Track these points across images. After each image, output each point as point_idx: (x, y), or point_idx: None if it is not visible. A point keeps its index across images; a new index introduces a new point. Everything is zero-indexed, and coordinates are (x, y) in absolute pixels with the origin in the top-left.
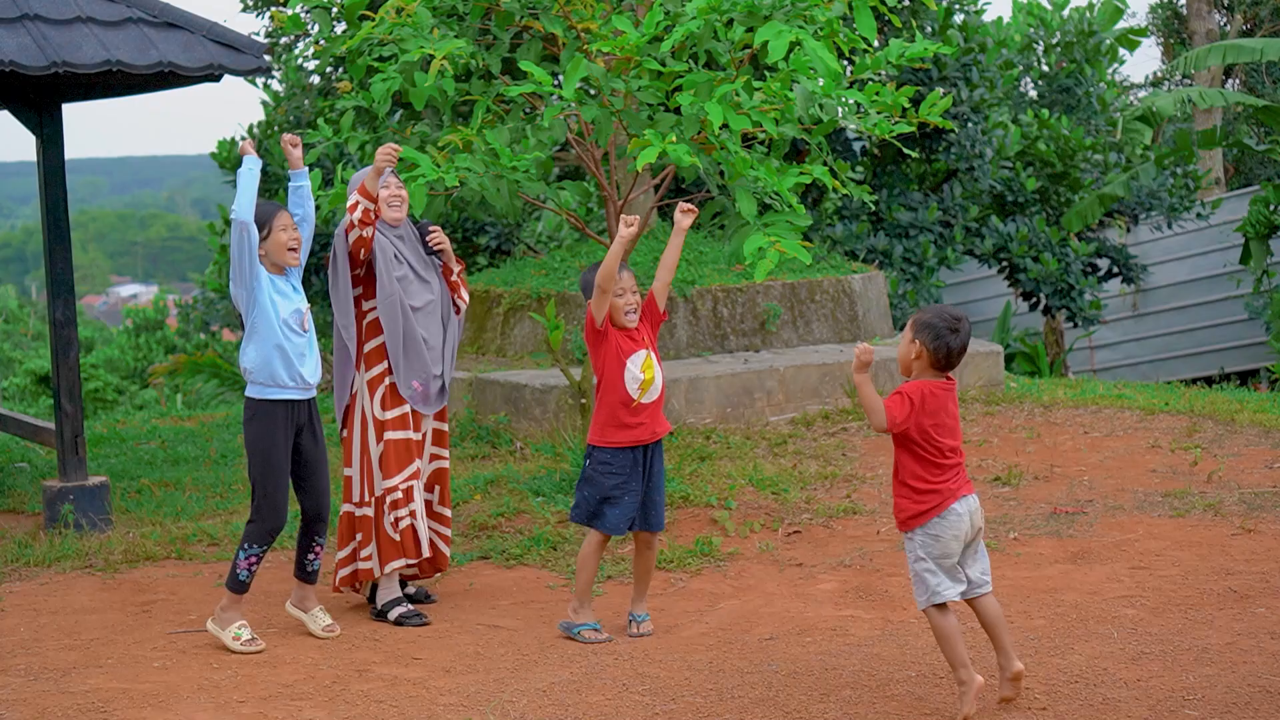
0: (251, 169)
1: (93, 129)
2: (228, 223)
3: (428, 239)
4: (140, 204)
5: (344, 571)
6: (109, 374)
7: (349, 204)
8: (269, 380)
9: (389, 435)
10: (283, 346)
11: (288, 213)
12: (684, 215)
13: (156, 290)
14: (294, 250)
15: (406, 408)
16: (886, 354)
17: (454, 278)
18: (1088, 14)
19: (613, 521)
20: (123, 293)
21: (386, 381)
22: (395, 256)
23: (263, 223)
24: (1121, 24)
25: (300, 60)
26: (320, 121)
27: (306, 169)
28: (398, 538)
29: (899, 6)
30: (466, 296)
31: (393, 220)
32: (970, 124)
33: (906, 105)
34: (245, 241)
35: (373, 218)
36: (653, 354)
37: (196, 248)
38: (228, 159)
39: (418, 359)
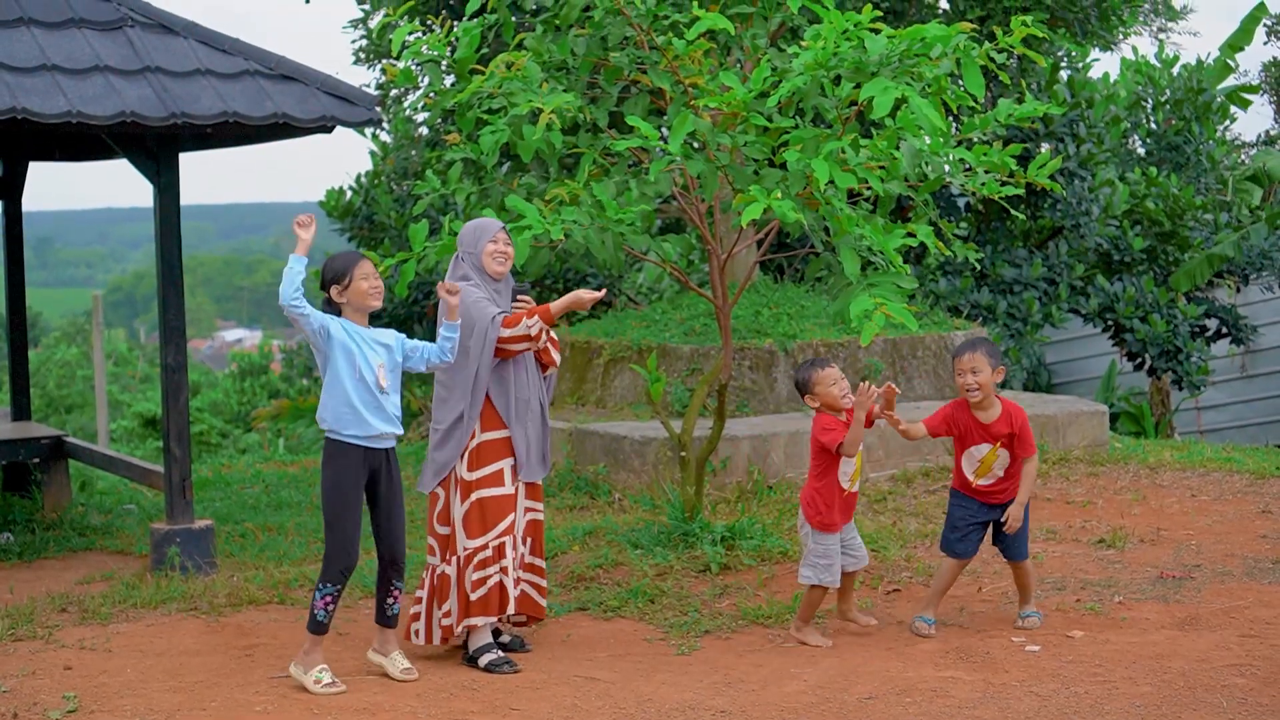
0: (296, 268)
1: (201, 175)
2: None
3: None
4: (246, 249)
5: (415, 625)
6: (213, 417)
7: (533, 330)
8: (343, 426)
9: (476, 495)
10: (357, 402)
11: (369, 261)
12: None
13: (261, 335)
14: (375, 296)
15: (497, 466)
16: None
17: (543, 344)
18: (1197, 72)
19: (959, 549)
20: (228, 337)
21: (472, 444)
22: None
23: (344, 271)
24: (1232, 81)
25: (409, 112)
26: (428, 172)
27: (459, 321)
28: (474, 596)
29: (1007, 64)
30: (557, 357)
31: (495, 274)
32: (1077, 181)
33: (1014, 167)
34: (299, 321)
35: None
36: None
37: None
38: (335, 207)
39: (536, 450)
